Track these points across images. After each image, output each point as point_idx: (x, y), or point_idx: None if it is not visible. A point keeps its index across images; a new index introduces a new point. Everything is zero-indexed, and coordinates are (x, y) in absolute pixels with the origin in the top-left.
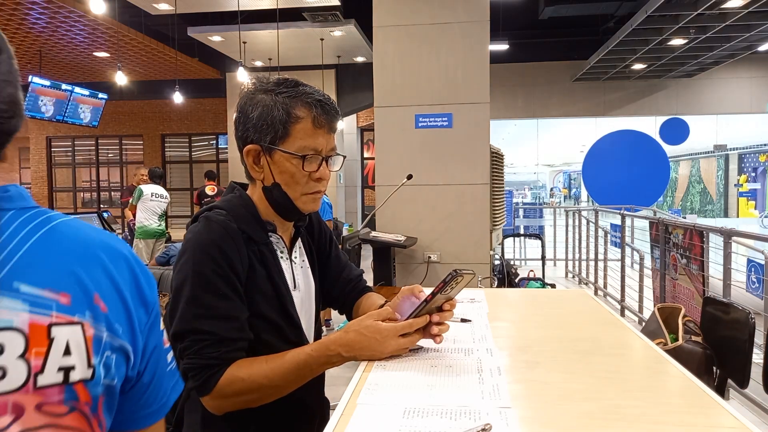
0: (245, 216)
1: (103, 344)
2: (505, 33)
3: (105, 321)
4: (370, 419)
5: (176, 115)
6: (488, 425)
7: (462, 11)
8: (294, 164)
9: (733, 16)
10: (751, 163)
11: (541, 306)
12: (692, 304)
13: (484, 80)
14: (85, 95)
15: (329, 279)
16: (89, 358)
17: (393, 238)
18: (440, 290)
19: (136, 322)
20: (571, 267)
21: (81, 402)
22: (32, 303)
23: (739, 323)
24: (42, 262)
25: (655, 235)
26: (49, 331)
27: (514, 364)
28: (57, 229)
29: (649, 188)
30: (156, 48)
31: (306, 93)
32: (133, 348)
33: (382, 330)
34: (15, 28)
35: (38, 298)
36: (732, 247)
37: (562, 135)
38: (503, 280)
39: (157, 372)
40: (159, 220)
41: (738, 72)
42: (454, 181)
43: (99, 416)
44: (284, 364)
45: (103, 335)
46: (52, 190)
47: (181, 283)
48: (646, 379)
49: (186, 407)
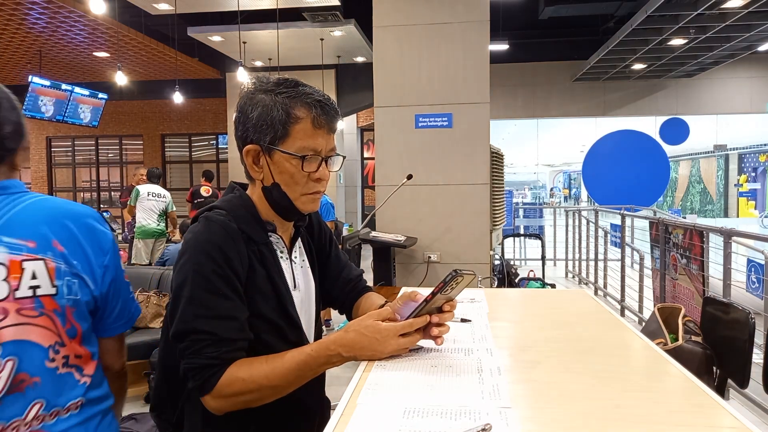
0: (245, 216)
1: (62, 272)
2: (505, 33)
3: (63, 258)
4: (370, 419)
5: (176, 115)
6: (488, 425)
7: (462, 11)
8: (293, 164)
9: (733, 16)
10: (751, 163)
11: (541, 306)
12: (692, 304)
13: (484, 80)
14: (85, 95)
15: (329, 279)
16: (51, 280)
17: (393, 238)
18: (440, 290)
19: (93, 259)
20: (571, 267)
21: (47, 309)
22: (10, 247)
23: (739, 323)
24: (18, 222)
25: (655, 235)
26: (21, 264)
27: (514, 364)
28: (33, 203)
29: (649, 188)
30: (156, 48)
31: (306, 93)
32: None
33: (382, 330)
34: (15, 28)
35: (14, 244)
36: (732, 247)
37: (562, 135)
38: (503, 280)
39: (121, 297)
40: (158, 220)
41: (738, 72)
42: (454, 181)
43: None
44: (284, 364)
45: (62, 266)
46: (52, 190)
47: (181, 283)
48: (646, 379)
49: (186, 407)
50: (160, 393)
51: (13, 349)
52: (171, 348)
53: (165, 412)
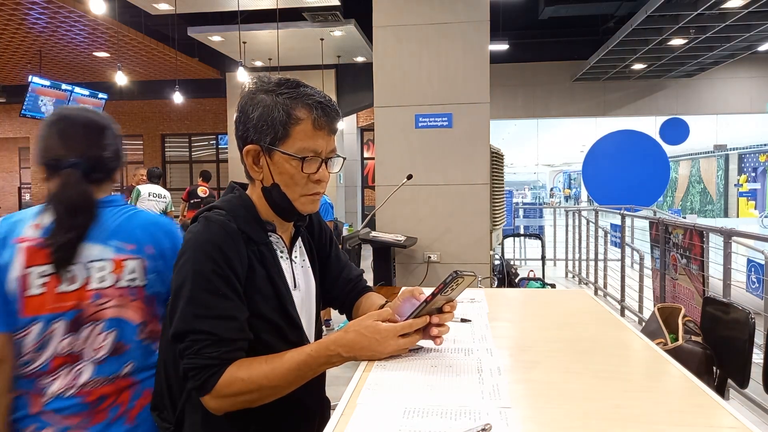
0: (245, 216)
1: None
2: (505, 33)
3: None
4: (370, 419)
5: (176, 115)
6: (488, 425)
7: (462, 11)
8: (293, 165)
9: (733, 16)
10: (751, 163)
11: (541, 306)
12: (692, 304)
13: (484, 80)
14: (85, 95)
15: (329, 279)
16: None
17: (393, 238)
18: (440, 291)
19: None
20: (571, 267)
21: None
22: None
23: (739, 323)
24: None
25: (655, 235)
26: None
27: (514, 364)
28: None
29: (649, 188)
30: (156, 48)
31: (307, 94)
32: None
33: (381, 330)
34: (15, 28)
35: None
36: (732, 247)
37: (562, 135)
38: (503, 280)
39: None
40: None
41: (738, 72)
42: (454, 181)
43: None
44: (284, 364)
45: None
46: None
47: (181, 283)
48: (646, 379)
49: (186, 407)
50: (160, 393)
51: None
52: (171, 348)
53: (165, 412)
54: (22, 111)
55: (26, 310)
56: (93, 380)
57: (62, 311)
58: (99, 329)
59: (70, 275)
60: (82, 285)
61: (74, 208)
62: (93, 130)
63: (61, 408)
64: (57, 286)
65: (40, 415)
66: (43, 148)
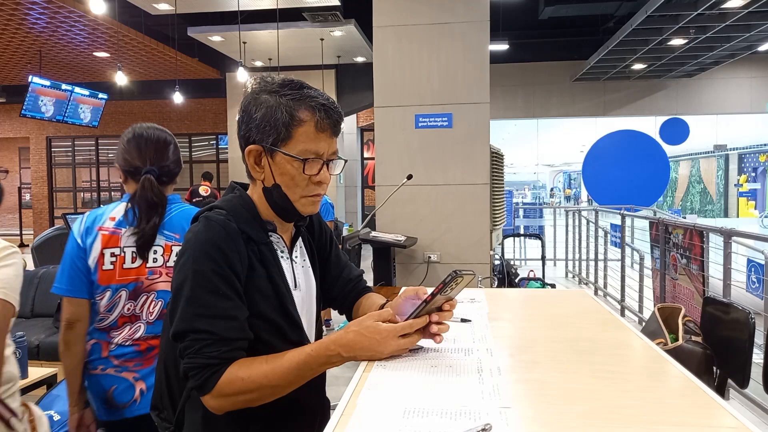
0: (245, 216)
1: None
2: (505, 33)
3: None
4: (370, 419)
5: (176, 115)
6: (488, 425)
7: (462, 11)
8: (295, 167)
9: (733, 16)
10: (751, 163)
11: (541, 306)
12: (692, 304)
13: (484, 80)
14: (85, 95)
15: (329, 279)
16: None
17: (393, 238)
18: (440, 291)
19: None
20: (571, 267)
21: None
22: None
23: (739, 323)
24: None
25: (655, 235)
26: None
27: (514, 364)
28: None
29: (649, 188)
30: (156, 48)
31: (310, 96)
32: None
33: (381, 330)
34: (15, 28)
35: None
36: (732, 247)
37: (562, 135)
38: (503, 280)
39: None
40: None
41: (738, 72)
42: (454, 181)
43: None
44: (284, 363)
45: None
46: (52, 190)
47: (181, 282)
48: (646, 379)
49: (187, 407)
50: (160, 392)
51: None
52: (171, 347)
53: (165, 411)
54: (22, 111)
55: (101, 280)
56: (145, 336)
57: (125, 283)
58: (151, 298)
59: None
60: (141, 264)
61: (153, 205)
62: (162, 144)
63: (122, 354)
64: (122, 263)
65: (108, 358)
66: (123, 159)
